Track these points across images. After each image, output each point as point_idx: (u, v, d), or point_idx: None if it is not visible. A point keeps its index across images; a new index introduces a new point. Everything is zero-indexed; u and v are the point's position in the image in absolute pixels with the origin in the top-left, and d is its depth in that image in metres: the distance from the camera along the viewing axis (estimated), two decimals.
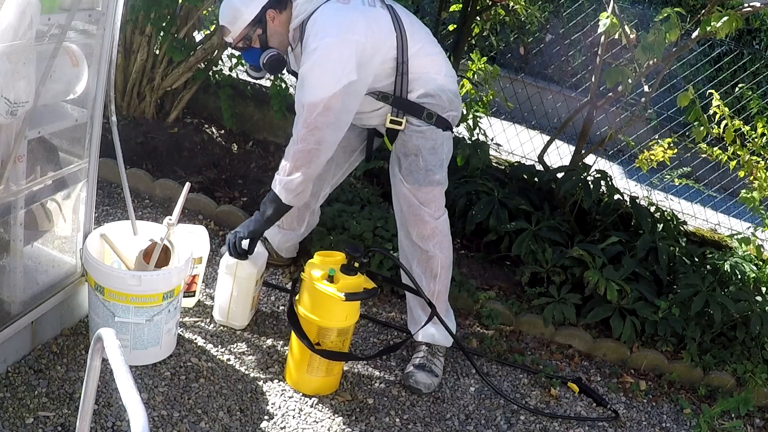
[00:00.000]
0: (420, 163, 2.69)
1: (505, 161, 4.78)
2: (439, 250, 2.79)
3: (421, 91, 2.65)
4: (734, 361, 3.23)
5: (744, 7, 3.22)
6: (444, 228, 2.80)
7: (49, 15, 2.01)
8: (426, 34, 2.75)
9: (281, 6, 2.60)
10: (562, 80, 5.97)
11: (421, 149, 2.68)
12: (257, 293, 2.88)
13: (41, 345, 2.49)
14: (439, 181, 2.74)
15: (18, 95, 1.92)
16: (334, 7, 2.52)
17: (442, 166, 2.74)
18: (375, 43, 2.53)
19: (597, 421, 2.86)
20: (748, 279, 3.44)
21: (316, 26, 2.50)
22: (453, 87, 2.73)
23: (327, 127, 2.52)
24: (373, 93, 2.65)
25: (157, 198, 3.63)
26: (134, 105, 4.11)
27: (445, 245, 2.81)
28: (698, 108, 3.30)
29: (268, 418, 2.48)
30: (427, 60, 2.68)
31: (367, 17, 2.54)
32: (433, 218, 2.75)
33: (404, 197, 2.75)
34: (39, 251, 2.53)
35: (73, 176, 2.45)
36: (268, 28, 2.61)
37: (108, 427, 2.24)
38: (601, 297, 3.28)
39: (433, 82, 2.66)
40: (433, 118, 2.66)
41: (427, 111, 2.66)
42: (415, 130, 2.68)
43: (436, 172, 2.71)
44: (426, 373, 2.78)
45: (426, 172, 2.70)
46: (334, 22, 2.49)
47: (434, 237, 2.77)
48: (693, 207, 5.07)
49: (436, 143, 2.70)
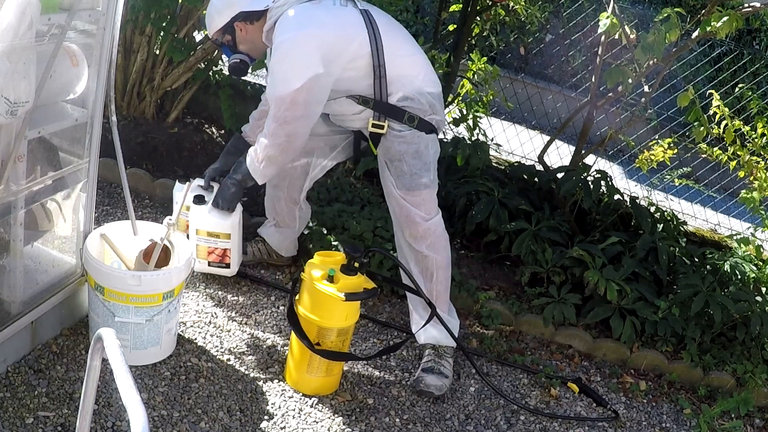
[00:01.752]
0: (404, 168, 2.70)
1: (505, 161, 4.78)
2: (433, 251, 2.78)
3: (401, 94, 2.66)
4: (734, 361, 3.23)
5: (744, 7, 3.22)
6: (437, 229, 2.79)
7: (49, 15, 2.01)
8: (405, 36, 2.77)
9: (253, 18, 2.69)
10: (562, 80, 5.97)
11: (404, 155, 2.69)
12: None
13: (41, 345, 2.49)
14: (427, 184, 2.74)
15: (18, 95, 1.92)
16: (302, 6, 2.60)
17: (428, 169, 2.74)
18: (342, 38, 2.58)
19: (597, 421, 2.86)
20: (748, 279, 3.44)
21: (282, 24, 2.58)
22: (433, 90, 2.73)
23: (296, 121, 2.59)
24: (354, 97, 2.68)
25: (157, 198, 3.63)
26: (134, 105, 4.11)
27: (440, 246, 2.81)
28: (698, 108, 3.30)
29: (268, 418, 2.48)
30: (406, 61, 2.70)
31: (333, 14, 2.61)
32: (424, 220, 2.75)
33: (395, 199, 2.77)
34: (39, 251, 2.53)
35: (73, 176, 2.45)
36: (237, 36, 2.76)
37: (108, 427, 2.24)
38: (601, 297, 3.28)
39: (411, 84, 2.67)
40: (414, 121, 2.67)
41: (409, 114, 2.67)
42: (396, 136, 2.69)
43: (422, 175, 2.71)
44: (435, 375, 2.78)
45: (411, 176, 2.70)
46: (299, 18, 2.57)
47: (426, 238, 2.77)
48: (693, 207, 5.07)
49: (420, 147, 2.70)
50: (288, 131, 2.60)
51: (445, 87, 4.21)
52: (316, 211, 3.44)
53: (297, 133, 2.62)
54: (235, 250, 3.01)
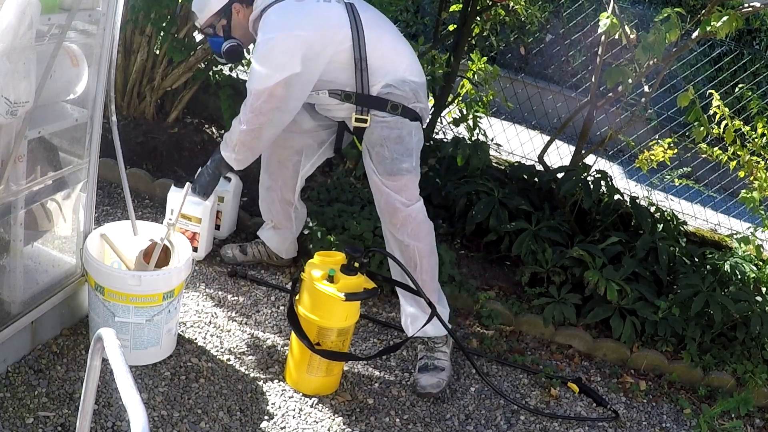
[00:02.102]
0: (385, 153, 2.71)
1: (505, 161, 4.78)
2: (415, 240, 2.78)
3: (383, 82, 2.69)
4: (734, 361, 3.23)
5: (744, 7, 3.22)
6: (418, 215, 2.79)
7: (49, 15, 2.01)
8: (390, 28, 2.81)
9: (248, 1, 2.73)
10: (562, 80, 5.96)
11: (386, 140, 2.71)
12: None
13: (41, 345, 2.49)
14: (408, 170, 2.75)
15: (18, 95, 1.92)
16: (287, 3, 2.63)
17: (410, 155, 2.75)
18: (324, 36, 2.62)
19: (597, 421, 2.86)
20: (748, 279, 3.44)
21: (266, 21, 2.62)
22: (417, 79, 2.76)
23: (270, 112, 2.66)
24: (336, 93, 2.71)
25: (157, 198, 3.63)
26: (134, 105, 4.11)
27: (422, 233, 2.80)
28: (698, 108, 3.30)
29: (268, 418, 2.48)
30: (388, 52, 2.73)
31: (316, 13, 2.64)
32: (404, 206, 2.75)
33: (376, 186, 2.78)
34: (39, 251, 2.53)
35: (73, 176, 2.45)
36: (233, 19, 2.78)
37: (108, 427, 2.24)
38: (601, 297, 3.28)
39: (394, 73, 2.70)
40: (398, 109, 2.70)
41: (392, 103, 2.69)
42: (379, 122, 2.71)
43: (403, 160, 2.73)
44: (429, 373, 2.78)
45: (392, 161, 2.72)
46: (283, 17, 2.61)
47: (407, 225, 2.77)
48: (693, 207, 5.07)
49: (402, 132, 2.72)
50: (262, 121, 2.67)
51: (445, 87, 4.21)
52: (316, 211, 3.44)
53: (271, 122, 2.69)
54: (204, 235, 3.22)
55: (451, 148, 3.86)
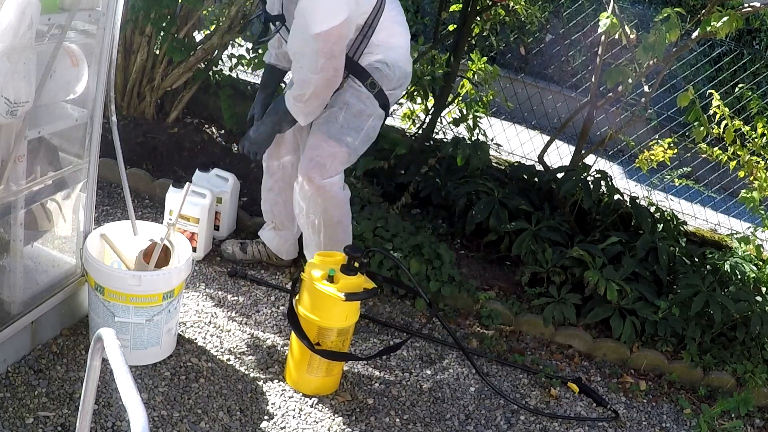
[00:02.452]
0: (339, 117, 2.74)
1: (505, 161, 4.78)
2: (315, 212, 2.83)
3: (379, 56, 2.72)
4: (734, 361, 3.23)
5: (744, 7, 3.22)
6: (332, 189, 2.79)
7: (49, 15, 2.01)
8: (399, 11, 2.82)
9: None
10: (562, 80, 5.96)
11: (348, 106, 2.74)
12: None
13: (41, 345, 2.49)
14: (348, 144, 2.77)
15: (18, 95, 1.92)
16: None
17: (358, 133, 2.77)
18: None
19: (597, 421, 2.86)
20: (748, 279, 3.44)
21: None
22: (407, 68, 2.81)
23: (341, 54, 2.62)
24: None
25: (157, 198, 3.63)
26: (134, 105, 4.11)
27: (331, 206, 2.82)
28: (698, 108, 3.30)
29: (268, 418, 2.48)
30: (394, 32, 2.76)
31: None
32: (321, 177, 2.76)
33: (309, 144, 2.80)
34: (39, 251, 2.53)
35: (73, 176, 2.45)
36: None
37: (108, 427, 2.24)
38: (601, 297, 3.28)
39: (391, 53, 2.74)
40: (375, 88, 2.73)
41: (372, 80, 2.72)
42: (353, 89, 2.74)
43: (348, 133, 2.75)
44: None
45: (341, 127, 2.74)
46: None
47: (317, 197, 2.79)
48: (693, 207, 5.07)
49: (365, 110, 2.75)
50: (336, 65, 2.63)
51: (445, 87, 4.21)
52: None
53: (341, 66, 2.65)
54: (203, 235, 3.23)
55: (451, 148, 3.86)
